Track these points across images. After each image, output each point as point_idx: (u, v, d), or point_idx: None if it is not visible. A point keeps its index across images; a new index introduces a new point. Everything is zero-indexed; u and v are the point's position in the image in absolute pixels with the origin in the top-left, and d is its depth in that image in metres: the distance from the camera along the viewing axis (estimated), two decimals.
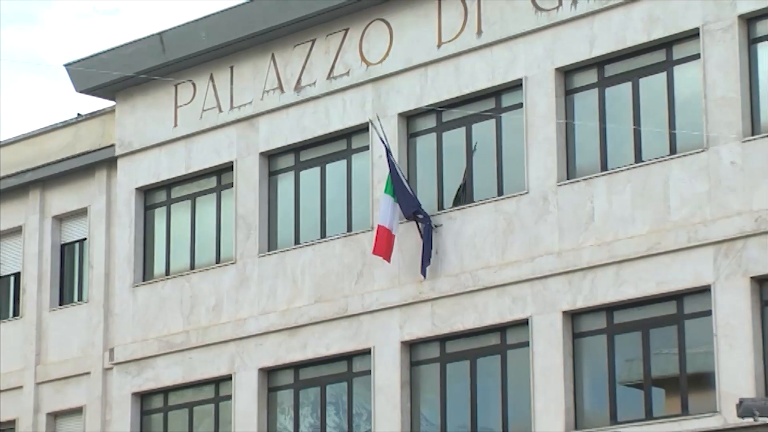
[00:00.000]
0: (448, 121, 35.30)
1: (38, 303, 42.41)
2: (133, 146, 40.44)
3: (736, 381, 29.91)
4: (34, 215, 42.80)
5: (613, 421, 31.54)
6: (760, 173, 30.32)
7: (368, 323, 35.45)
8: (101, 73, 40.43)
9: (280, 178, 38.15)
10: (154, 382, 39.27)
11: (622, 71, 32.97)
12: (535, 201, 33.37)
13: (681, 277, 31.15)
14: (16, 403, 42.12)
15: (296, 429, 37.09)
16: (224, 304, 38.07)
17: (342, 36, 36.81)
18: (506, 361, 33.84)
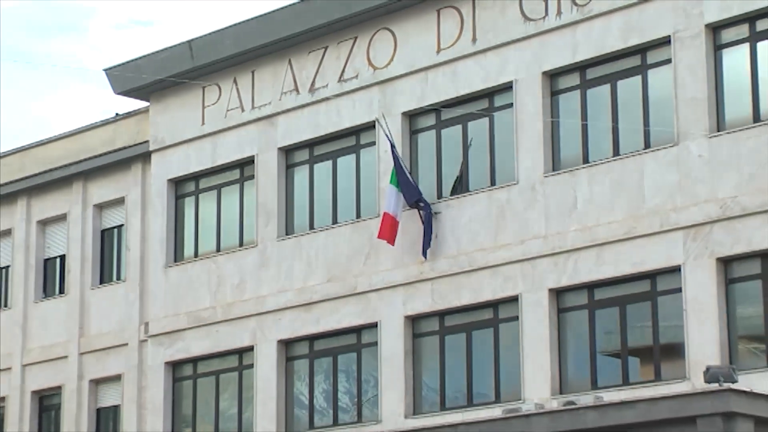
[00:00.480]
0: (446, 119, 35.28)
1: (81, 282, 42.43)
2: (165, 142, 40.45)
3: (704, 351, 29.92)
4: (77, 204, 42.80)
5: (593, 387, 31.49)
6: (725, 165, 30.34)
7: (375, 300, 35.46)
8: (137, 77, 40.43)
9: (296, 171, 38.14)
10: (185, 353, 39.30)
11: (601, 74, 32.94)
12: (524, 190, 33.36)
13: (654, 258, 31.17)
14: (62, 371, 42.14)
15: (311, 394, 37.12)
16: (247, 282, 38.08)
17: (351, 43, 36.79)
18: (498, 334, 33.84)
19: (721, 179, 30.40)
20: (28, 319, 43.48)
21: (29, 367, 43.13)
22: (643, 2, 31.96)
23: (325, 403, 36.90)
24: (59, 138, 44.08)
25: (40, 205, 43.84)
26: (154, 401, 39.67)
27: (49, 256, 43.76)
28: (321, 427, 36.11)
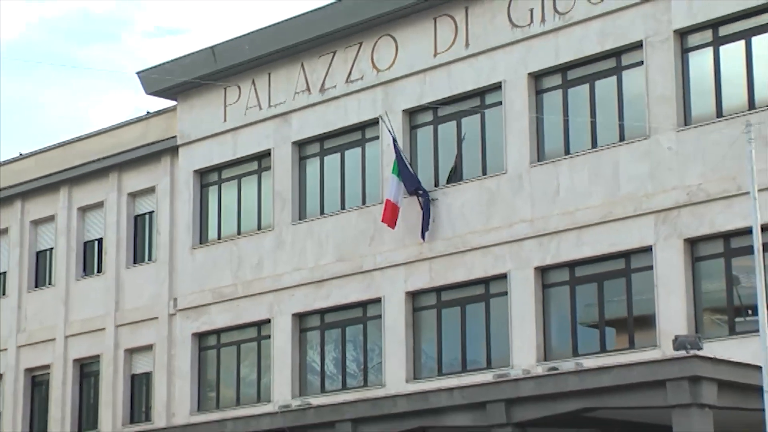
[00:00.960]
0: (443, 115, 35.28)
1: (117, 262, 42.46)
2: (191, 137, 40.44)
3: (672, 321, 29.97)
4: (113, 192, 42.82)
5: (574, 354, 31.54)
6: (691, 156, 30.39)
7: (379, 277, 35.49)
8: (165, 79, 40.42)
9: (308, 162, 38.14)
10: (209, 325, 39.32)
11: (580, 75, 32.95)
12: (512, 179, 33.38)
13: (628, 239, 31.22)
14: (100, 341, 42.19)
15: (322, 362, 37.16)
16: (264, 262, 38.11)
17: (357, 48, 36.77)
18: (489, 307, 33.87)
19: (687, 169, 30.45)
20: (70, 295, 43.54)
21: (71, 338, 43.18)
22: (617, 10, 31.97)
23: (334, 370, 36.94)
24: (97, 134, 44.12)
25: (80, 193, 43.89)
26: (182, 368, 39.73)
27: (88, 239, 43.79)
28: (331, 391, 36.09)
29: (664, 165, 30.83)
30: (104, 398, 41.98)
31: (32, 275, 45.04)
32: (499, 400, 27.12)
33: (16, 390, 44.37)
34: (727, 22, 30.56)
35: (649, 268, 30.92)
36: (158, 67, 40.95)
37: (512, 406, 26.98)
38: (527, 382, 27.63)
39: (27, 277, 45.02)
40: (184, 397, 39.38)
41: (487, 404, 27.28)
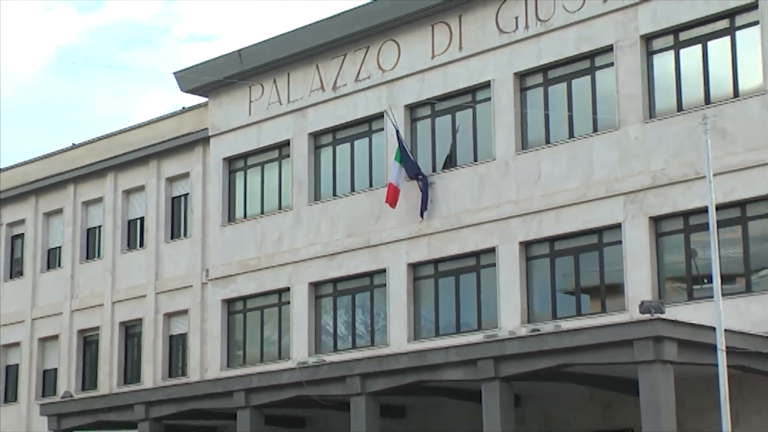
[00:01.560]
0: (439, 110, 35.21)
1: (156, 238, 42.49)
2: (220, 129, 40.42)
3: (639, 289, 29.99)
4: (153, 177, 42.83)
5: (554, 317, 31.57)
6: (655, 145, 30.37)
7: (384, 251, 35.49)
8: (198, 79, 40.43)
9: (323, 151, 38.11)
10: (236, 293, 39.35)
11: (560, 75, 32.89)
12: (500, 165, 33.36)
13: (601, 218, 31.21)
14: (142, 306, 42.23)
15: (335, 324, 37.19)
16: (284, 238, 38.12)
17: (365, 51, 36.73)
18: (480, 277, 33.87)
19: (652, 156, 30.45)
20: (116, 267, 43.60)
21: (117, 303, 43.24)
22: (591, 18, 31.94)
23: (345, 331, 36.97)
24: (139, 126, 44.15)
25: (124, 178, 43.89)
26: (213, 330, 39.78)
27: (131, 218, 43.79)
28: (342, 349, 36.12)
29: (632, 153, 30.83)
30: (146, 356, 42.10)
31: (83, 249, 45.12)
32: (488, 357, 27.15)
33: (70, 349, 44.46)
34: (687, 28, 30.54)
35: (619, 243, 30.95)
36: (192, 68, 40.94)
37: (500, 362, 27.02)
38: (513, 341, 27.66)
39: (79, 251, 45.09)
40: (215, 355, 39.44)
41: (477, 361, 27.31)
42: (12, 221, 47.66)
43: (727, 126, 28.89)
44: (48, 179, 46.09)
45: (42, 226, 46.57)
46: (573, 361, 26.26)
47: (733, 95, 29.63)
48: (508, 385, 27.21)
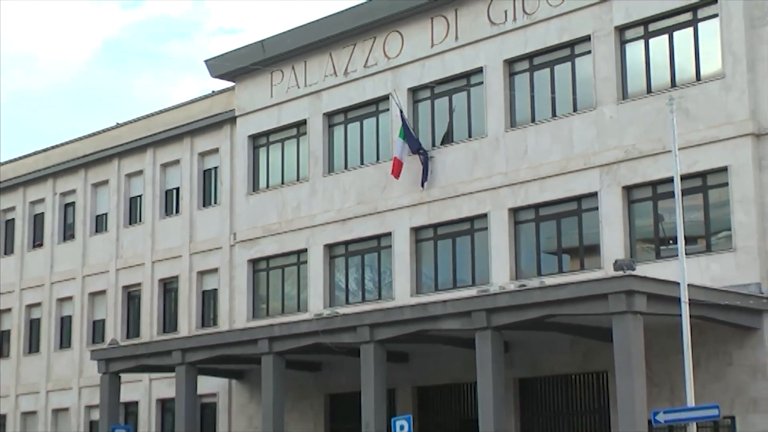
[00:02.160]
0: (438, 92, 35.15)
1: (190, 205, 42.41)
2: (246, 110, 40.34)
3: (613, 249, 30.03)
4: (186, 152, 42.77)
5: (539, 274, 31.53)
6: (627, 123, 30.37)
7: (389, 216, 35.45)
8: (226, 65, 40.35)
9: (335, 129, 38.05)
10: (260, 253, 39.36)
11: (544, 61, 32.81)
12: (491, 141, 33.32)
13: (580, 187, 31.20)
14: (178, 266, 42.23)
15: (347, 281, 37.20)
16: (302, 205, 38.09)
17: (372, 41, 36.61)
18: (474, 239, 33.83)
19: (625, 133, 30.42)
20: (155, 230, 43.60)
21: (156, 263, 43.27)
22: (571, 11, 31.86)
23: (356, 287, 36.99)
24: (174, 108, 44.05)
25: (161, 153, 43.77)
26: (240, 286, 39.81)
27: (168, 188, 43.70)
28: (353, 303, 36.15)
29: (607, 130, 30.80)
30: (181, 308, 42.15)
31: (127, 215, 45.11)
32: (481, 309, 27.24)
33: (115, 302, 44.53)
34: (655, 20, 30.49)
35: (595, 209, 30.93)
36: (220, 56, 40.82)
37: (491, 314, 27.13)
38: (502, 295, 27.73)
39: (123, 217, 45.08)
40: (241, 308, 39.50)
41: (472, 313, 27.41)
42: (64, 191, 47.68)
43: (690, 106, 28.87)
44: (95, 154, 46.09)
45: (90, 195, 46.57)
46: (555, 313, 26.38)
47: (696, 79, 29.58)
48: (499, 333, 27.33)
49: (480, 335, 27.28)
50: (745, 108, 28.35)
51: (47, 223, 48.26)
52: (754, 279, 27.69)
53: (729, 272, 27.99)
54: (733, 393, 27.62)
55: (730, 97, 28.65)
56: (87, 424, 44.78)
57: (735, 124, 28.41)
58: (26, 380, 47.62)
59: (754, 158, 28.16)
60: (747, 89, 28.40)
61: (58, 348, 46.78)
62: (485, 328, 27.13)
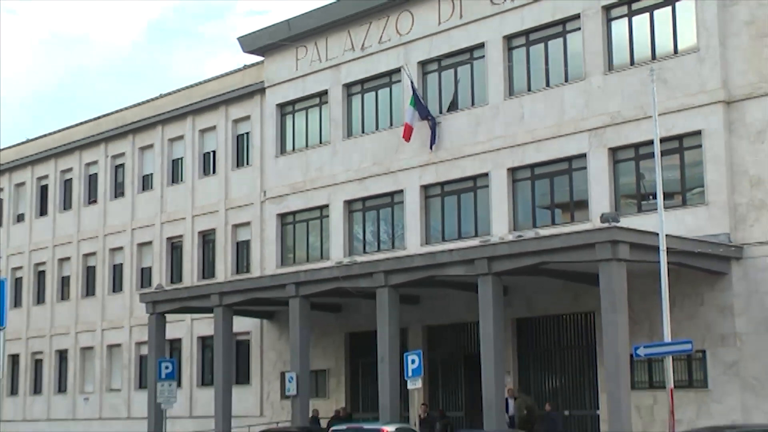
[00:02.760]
0: (445, 65, 35.02)
1: (225, 166, 42.39)
2: (274, 81, 40.24)
3: (600, 203, 30.04)
4: (222, 119, 42.74)
5: (534, 226, 31.53)
6: (613, 92, 30.30)
7: (402, 176, 35.44)
8: (257, 42, 40.27)
9: (353, 98, 37.95)
10: (287, 208, 39.37)
11: (539, 37, 32.63)
12: (492, 108, 33.23)
13: (571, 149, 31.16)
14: (215, 219, 42.27)
15: (364, 233, 37.23)
16: (324, 166, 38.09)
17: (386, 20, 36.40)
18: (476, 196, 33.81)
19: (610, 101, 30.35)
20: (195, 189, 43.60)
21: (196, 217, 43.32)
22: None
23: (372, 238, 37.04)
24: (211, 80, 43.96)
25: (200, 120, 43.68)
26: (270, 237, 39.89)
27: (206, 151, 43.71)
28: (370, 252, 36.20)
29: (595, 98, 30.70)
30: (218, 257, 42.28)
31: (169, 176, 45.15)
32: (482, 257, 27.38)
33: (161, 252, 44.70)
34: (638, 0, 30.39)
35: (584, 168, 30.90)
36: (251, 34, 40.75)
37: (492, 261, 27.26)
38: (502, 245, 27.85)
39: (166, 177, 45.13)
40: (271, 256, 39.62)
41: (474, 260, 27.54)
42: (115, 154, 47.74)
43: (668, 77, 28.77)
44: (142, 121, 46.08)
45: (138, 157, 46.62)
46: (548, 260, 26.51)
47: (673, 52, 29.44)
48: (498, 278, 27.46)
49: (482, 280, 27.40)
50: (717, 78, 28.25)
51: (100, 182, 48.38)
52: (723, 230, 27.72)
53: (702, 224, 28.02)
54: (704, 330, 27.74)
55: (704, 68, 28.53)
56: (137, 358, 45.15)
57: (708, 92, 28.32)
58: (84, 320, 47.97)
59: (725, 123, 28.10)
60: (719, 61, 28.29)
61: (111, 292, 47.05)
62: (486, 274, 27.25)
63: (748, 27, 28.20)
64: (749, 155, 27.78)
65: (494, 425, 26.48)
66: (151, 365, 36.65)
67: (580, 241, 25.60)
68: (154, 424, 36.01)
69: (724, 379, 27.44)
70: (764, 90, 27.67)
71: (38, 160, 51.55)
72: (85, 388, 47.77)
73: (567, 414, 30.67)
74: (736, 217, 27.77)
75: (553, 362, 31.91)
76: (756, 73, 27.92)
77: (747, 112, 27.91)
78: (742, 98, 28.00)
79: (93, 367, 47.30)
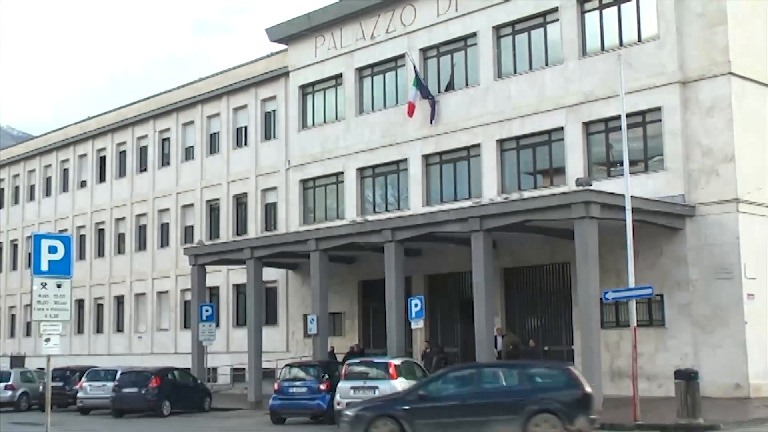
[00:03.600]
0: (443, 51, 34.93)
1: (255, 139, 42.37)
2: (296, 66, 40.17)
3: (575, 169, 30.08)
4: (252, 99, 42.70)
5: (519, 189, 31.56)
6: (586, 75, 30.25)
7: (406, 147, 35.47)
8: (281, 32, 40.19)
9: (364, 80, 37.86)
10: (308, 175, 39.43)
11: (523, 27, 32.54)
12: (483, 88, 33.22)
13: (551, 122, 31.15)
14: (247, 185, 42.40)
15: (374, 195, 37.27)
16: (340, 139, 38.13)
17: (392, 13, 36.29)
18: (470, 164, 33.79)
19: (583, 81, 30.32)
20: (229, 159, 43.58)
21: (231, 183, 43.35)
22: None
23: (380, 200, 37.10)
24: (242, 65, 43.84)
25: (234, 99, 43.62)
26: (293, 200, 40.00)
27: (238, 126, 43.71)
28: (379, 212, 36.27)
29: (571, 79, 30.67)
30: (250, 216, 42.39)
31: (208, 147, 45.15)
32: (475, 216, 27.47)
33: (201, 212, 44.86)
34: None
35: (561, 140, 30.90)
36: (277, 26, 40.66)
37: (483, 219, 27.34)
38: (492, 205, 27.93)
39: (205, 149, 45.17)
40: (294, 216, 39.72)
41: (468, 219, 27.64)
42: (162, 129, 47.76)
43: (633, 61, 28.67)
44: (184, 101, 46.07)
45: (181, 131, 46.67)
46: (531, 218, 26.58)
47: (638, 40, 29.37)
48: (488, 234, 27.56)
49: (474, 236, 27.50)
50: (674, 62, 28.20)
51: (149, 153, 48.48)
52: (679, 192, 27.80)
53: (661, 187, 28.08)
54: (662, 277, 27.89)
55: (663, 54, 28.48)
56: (182, 303, 45.47)
57: (666, 74, 28.29)
58: (137, 270, 48.28)
59: (681, 100, 28.08)
60: (676, 48, 28.23)
61: (159, 247, 47.30)
62: (478, 230, 27.35)
63: (699, 18, 28.13)
64: (701, 128, 27.79)
65: (485, 359, 26.72)
66: (193, 309, 36.97)
67: (558, 202, 25.66)
68: (197, 359, 36.38)
69: (679, 318, 27.64)
70: (714, 72, 27.66)
71: (98, 134, 51.70)
72: (138, 328, 48.20)
73: (546, 349, 30.89)
74: (690, 181, 27.83)
75: (535, 305, 32.09)
76: (707, 58, 27.87)
77: (699, 92, 27.88)
78: (695, 79, 27.97)
79: (145, 311, 47.70)
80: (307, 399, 25.76)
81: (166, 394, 30.88)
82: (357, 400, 20.78)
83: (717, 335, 26.97)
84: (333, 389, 24.90)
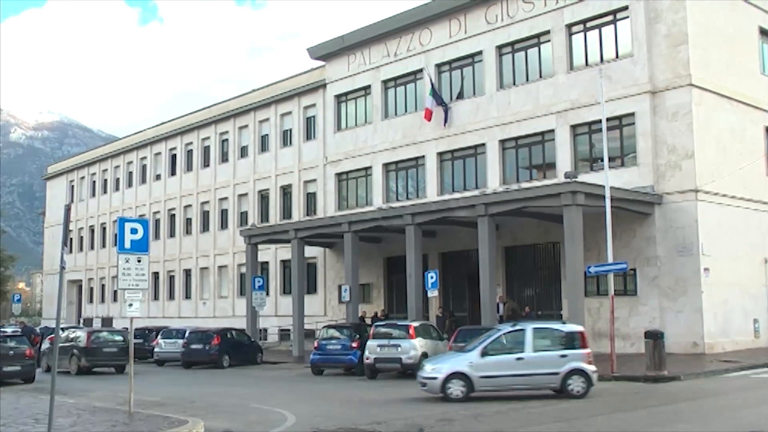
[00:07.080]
0: (454, 66, 34.94)
1: (298, 139, 42.38)
2: (332, 79, 40.23)
3: (564, 165, 30.08)
4: (296, 106, 42.46)
5: (517, 181, 31.70)
6: (574, 86, 30.22)
7: (424, 146, 35.57)
8: (320, 51, 40.29)
9: (389, 90, 37.94)
10: (342, 169, 39.45)
11: (521, 46, 32.50)
12: (487, 98, 33.26)
13: (544, 125, 31.15)
14: (291, 178, 42.21)
15: (397, 187, 37.30)
16: (368, 138, 38.20)
17: (411, 35, 36.37)
18: (477, 161, 33.83)
19: (571, 91, 30.33)
20: (277, 156, 43.62)
21: (278, 176, 43.51)
22: (538, 15, 31.58)
23: (402, 190, 37.18)
24: (287, 78, 43.95)
25: (281, 107, 43.85)
26: (330, 190, 40.10)
27: (284, 129, 43.70)
28: (401, 200, 36.33)
29: (561, 90, 30.69)
30: (294, 204, 42.50)
31: (260, 146, 44.99)
32: (481, 203, 27.50)
33: (254, 201, 45.04)
34: (591, 20, 30.21)
35: (553, 140, 30.92)
36: (316, 45, 40.76)
37: (488, 206, 27.38)
38: (495, 194, 27.91)
39: (257, 148, 45.11)
40: (331, 203, 39.75)
41: (475, 205, 27.69)
42: (222, 131, 47.95)
43: (611, 75, 28.71)
44: (240, 108, 46.15)
45: (237, 133, 46.84)
46: (528, 205, 26.61)
47: (615, 57, 29.37)
48: (492, 218, 27.63)
49: (480, 220, 27.60)
50: (645, 75, 28.23)
51: (211, 152, 48.63)
52: (649, 183, 27.87)
53: (634, 179, 28.14)
54: (635, 254, 27.98)
55: (636, 68, 28.50)
56: (238, 276, 45.83)
57: (639, 85, 28.32)
58: (201, 248, 48.67)
59: (651, 107, 28.12)
60: (647, 64, 28.26)
61: (220, 229, 47.63)
62: (483, 215, 27.44)
63: (666, 39, 28.15)
64: (667, 130, 27.85)
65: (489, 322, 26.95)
66: (247, 280, 37.20)
67: (550, 191, 25.71)
68: (250, 321, 36.77)
69: (648, 288, 27.75)
70: (677, 84, 27.71)
71: (170, 136, 52.02)
72: (203, 296, 48.66)
73: (540, 313, 31.02)
74: (658, 174, 27.88)
75: (530, 277, 32.22)
76: (672, 71, 27.92)
77: (666, 100, 27.93)
78: (662, 90, 28.01)
79: (208, 281, 48.14)
80: (342, 354, 26.17)
81: (225, 349, 31.39)
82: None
83: (679, 302, 27.10)
84: (362, 346, 25.29)
